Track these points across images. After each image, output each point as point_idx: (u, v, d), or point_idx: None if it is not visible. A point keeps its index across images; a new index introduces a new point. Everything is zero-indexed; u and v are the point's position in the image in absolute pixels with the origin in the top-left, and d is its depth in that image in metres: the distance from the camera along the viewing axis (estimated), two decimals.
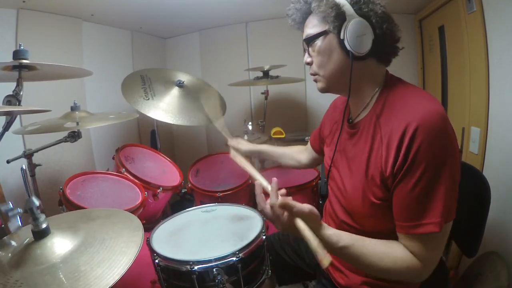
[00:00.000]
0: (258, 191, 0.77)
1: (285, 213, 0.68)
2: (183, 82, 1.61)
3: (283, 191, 0.74)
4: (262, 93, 2.09)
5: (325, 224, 0.70)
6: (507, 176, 1.14)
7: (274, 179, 0.73)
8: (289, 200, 0.67)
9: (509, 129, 1.14)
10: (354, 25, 0.70)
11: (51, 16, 1.57)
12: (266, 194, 0.73)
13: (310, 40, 0.78)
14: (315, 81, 0.82)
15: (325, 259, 0.60)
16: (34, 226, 0.69)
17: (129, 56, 2.19)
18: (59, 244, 0.70)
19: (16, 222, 0.66)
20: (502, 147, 1.19)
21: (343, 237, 0.70)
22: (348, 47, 0.71)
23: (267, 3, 1.94)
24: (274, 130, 1.84)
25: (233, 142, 1.25)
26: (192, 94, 1.59)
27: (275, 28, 2.26)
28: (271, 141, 1.95)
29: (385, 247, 0.71)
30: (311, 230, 0.65)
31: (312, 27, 0.77)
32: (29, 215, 0.69)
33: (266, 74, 1.92)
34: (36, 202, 0.69)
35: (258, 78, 1.95)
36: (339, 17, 0.71)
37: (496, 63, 1.21)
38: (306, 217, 0.67)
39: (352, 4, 0.71)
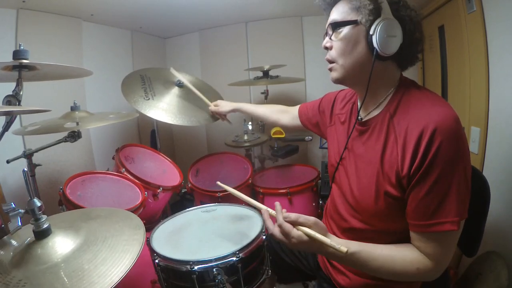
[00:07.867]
0: (265, 216, 0.80)
1: (294, 229, 0.71)
2: (183, 82, 1.61)
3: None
4: (262, 93, 2.09)
5: (331, 234, 0.73)
6: (507, 176, 1.14)
7: (277, 203, 0.77)
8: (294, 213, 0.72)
9: (509, 129, 1.14)
10: (387, 24, 0.69)
11: (51, 16, 1.56)
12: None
13: (337, 26, 0.75)
14: (330, 69, 0.80)
15: (342, 246, 0.67)
16: (35, 227, 0.70)
17: (129, 56, 2.18)
18: (61, 243, 0.71)
19: (16, 223, 0.67)
20: (502, 147, 1.19)
21: (351, 244, 0.71)
22: (374, 44, 0.70)
23: (267, 3, 1.94)
24: (274, 130, 1.84)
25: (213, 107, 1.38)
26: (192, 94, 1.59)
27: (275, 28, 2.26)
28: (271, 140, 1.95)
29: (393, 251, 0.71)
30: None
31: (342, 13, 0.75)
32: (31, 215, 0.69)
33: (266, 74, 1.92)
34: (38, 203, 0.69)
35: (258, 78, 1.95)
36: (375, 12, 0.70)
37: (496, 63, 1.21)
38: (312, 226, 0.70)
39: (390, 3, 0.70)
